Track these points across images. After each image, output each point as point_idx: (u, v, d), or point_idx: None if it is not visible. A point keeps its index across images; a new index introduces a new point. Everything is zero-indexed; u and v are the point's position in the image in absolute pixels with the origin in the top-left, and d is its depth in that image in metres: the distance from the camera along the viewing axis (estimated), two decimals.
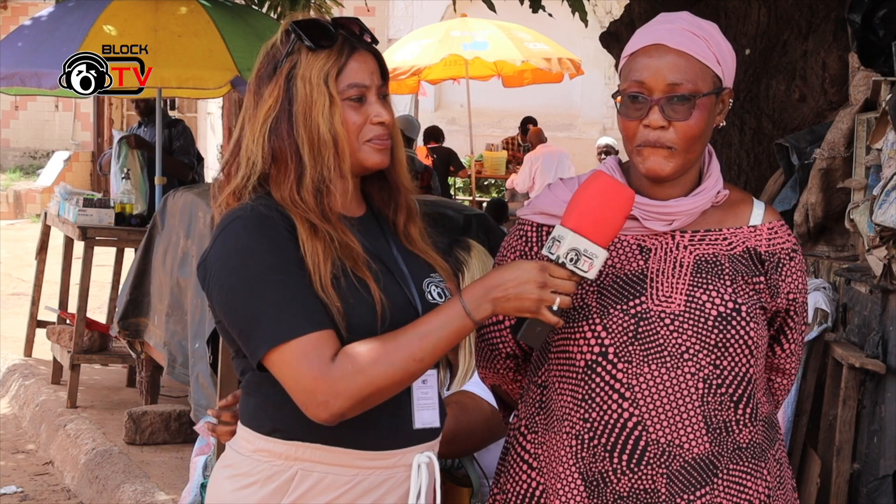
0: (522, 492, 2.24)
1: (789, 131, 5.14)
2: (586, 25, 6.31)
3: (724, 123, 2.23)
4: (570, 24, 6.36)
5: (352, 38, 2.13)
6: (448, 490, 2.61)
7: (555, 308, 1.99)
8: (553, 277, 1.99)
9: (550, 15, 6.52)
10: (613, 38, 6.03)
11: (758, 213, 2.24)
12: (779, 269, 2.21)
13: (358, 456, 2.09)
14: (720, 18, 5.42)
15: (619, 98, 2.17)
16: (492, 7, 6.49)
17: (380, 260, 2.14)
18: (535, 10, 6.30)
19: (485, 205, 12.11)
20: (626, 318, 2.14)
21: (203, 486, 3.04)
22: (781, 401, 2.38)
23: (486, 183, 16.05)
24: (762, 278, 2.19)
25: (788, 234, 2.25)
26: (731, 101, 2.21)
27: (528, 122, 14.81)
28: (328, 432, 2.06)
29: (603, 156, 12.94)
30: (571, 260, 1.99)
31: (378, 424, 2.10)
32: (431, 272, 2.22)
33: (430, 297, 2.17)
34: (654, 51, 2.13)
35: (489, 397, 2.72)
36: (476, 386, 2.77)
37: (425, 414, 2.16)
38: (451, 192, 13.38)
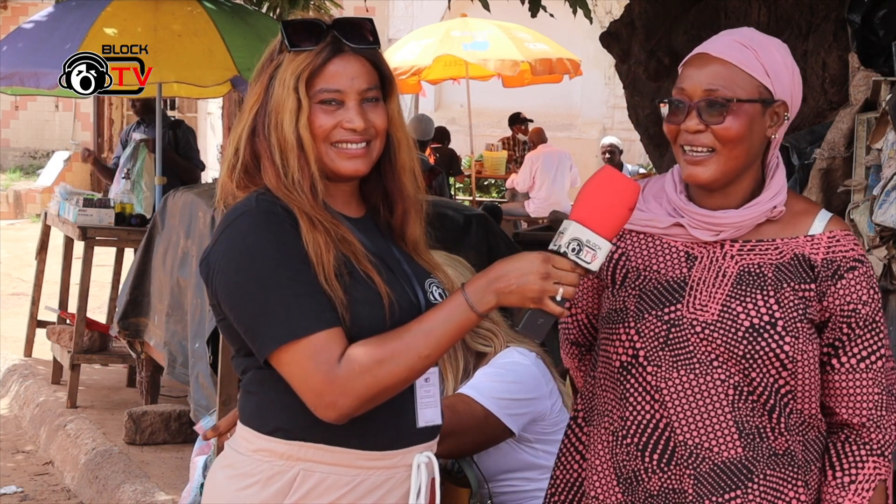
0: (572, 480, 2.32)
1: (789, 131, 5.13)
2: (591, 22, 6.28)
3: (776, 136, 2.21)
4: (570, 24, 6.36)
5: (342, 41, 2.11)
6: (447, 490, 2.61)
7: (558, 298, 1.99)
8: (556, 269, 1.99)
9: (552, 15, 6.51)
10: (613, 38, 6.02)
11: (819, 224, 2.21)
12: (835, 279, 2.16)
13: (361, 456, 2.09)
14: (720, 18, 5.42)
15: (663, 104, 2.23)
16: (486, 6, 6.48)
17: (381, 258, 2.14)
18: (534, 15, 6.30)
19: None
20: (659, 323, 2.17)
21: (203, 487, 3.04)
22: (871, 439, 2.19)
23: (486, 183, 16.06)
24: (812, 286, 2.16)
25: (854, 245, 2.19)
26: (787, 115, 2.20)
27: (515, 119, 14.82)
28: (331, 432, 2.06)
29: (607, 155, 12.93)
30: (573, 250, 2.00)
31: (382, 424, 2.10)
32: (431, 275, 2.23)
33: (432, 296, 2.17)
34: (697, 60, 2.19)
35: (484, 401, 2.73)
36: (472, 389, 2.77)
37: (428, 412, 2.17)
38: (451, 192, 13.37)
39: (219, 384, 4.80)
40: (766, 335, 2.12)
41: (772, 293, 2.15)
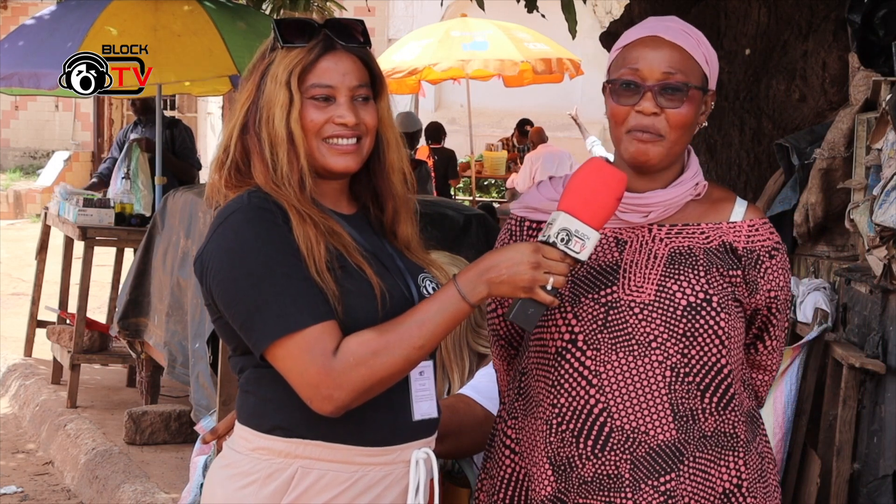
0: (507, 476, 2.30)
1: (789, 131, 5.13)
2: (573, 38, 6.29)
3: (706, 124, 2.28)
4: None
5: (334, 39, 2.13)
6: (447, 490, 2.61)
7: (548, 288, 2.01)
8: (546, 259, 2.01)
9: (543, 16, 6.51)
10: (613, 39, 6.00)
11: (739, 210, 2.27)
12: (757, 266, 2.23)
13: (358, 452, 2.10)
14: (720, 18, 5.42)
15: (608, 86, 2.24)
16: (481, 5, 6.48)
17: (373, 253, 2.16)
18: (530, 10, 6.29)
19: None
20: (597, 306, 2.18)
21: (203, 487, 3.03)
22: (764, 397, 2.40)
23: (486, 183, 16.05)
24: (739, 272, 2.22)
25: (770, 233, 2.27)
26: (712, 104, 2.26)
27: (524, 123, 14.78)
28: (329, 429, 2.07)
29: None
30: (562, 240, 2.02)
31: (379, 420, 2.11)
32: (425, 270, 2.24)
33: (425, 291, 2.18)
34: (651, 42, 2.20)
35: (484, 402, 2.73)
36: (472, 390, 2.78)
37: (424, 405, 2.18)
38: (451, 192, 13.36)
39: (219, 384, 4.80)
40: (703, 312, 2.16)
41: (702, 273, 2.19)
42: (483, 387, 2.78)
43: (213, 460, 3.05)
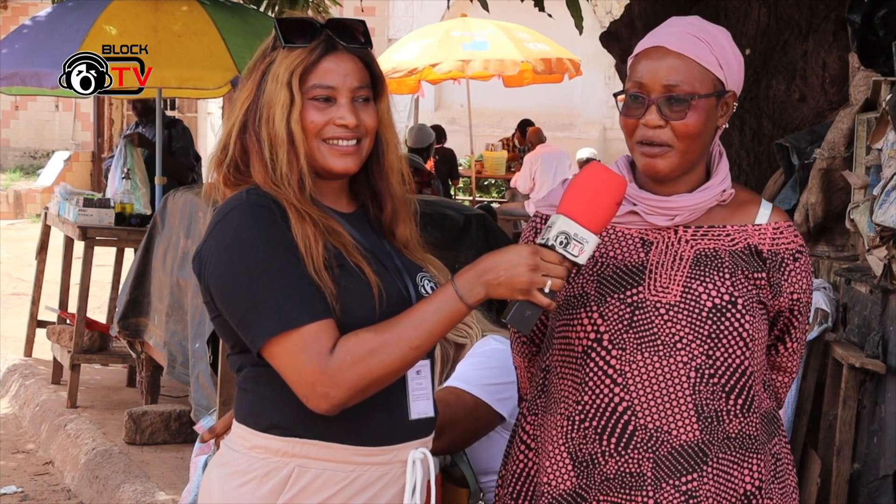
0: (518, 471, 2.32)
1: (789, 131, 5.14)
2: (580, 33, 6.28)
3: (727, 126, 2.27)
4: (571, 24, 6.34)
5: (335, 39, 2.14)
6: (447, 490, 2.62)
7: (546, 291, 2.01)
8: (544, 261, 2.01)
9: (550, 16, 6.51)
10: (613, 38, 6.03)
11: (764, 212, 2.28)
12: (781, 269, 2.24)
13: (355, 452, 2.10)
14: (720, 18, 5.42)
15: (621, 98, 2.24)
16: (485, 6, 6.47)
17: (372, 252, 2.16)
18: (540, 8, 6.27)
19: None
20: (623, 306, 2.19)
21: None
22: (783, 398, 2.41)
23: (486, 183, 16.05)
24: (763, 274, 2.23)
25: (795, 236, 2.28)
26: (735, 104, 2.25)
27: (526, 124, 14.80)
28: (325, 428, 2.07)
29: None
30: (561, 243, 2.02)
31: (375, 419, 2.11)
32: (423, 269, 2.24)
33: (423, 290, 2.18)
34: (655, 53, 2.20)
35: (473, 389, 2.74)
36: (459, 381, 2.79)
37: (420, 404, 2.18)
38: (452, 192, 13.36)
39: (219, 384, 4.80)
40: (728, 314, 2.17)
41: (728, 276, 2.20)
42: (469, 376, 2.80)
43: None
